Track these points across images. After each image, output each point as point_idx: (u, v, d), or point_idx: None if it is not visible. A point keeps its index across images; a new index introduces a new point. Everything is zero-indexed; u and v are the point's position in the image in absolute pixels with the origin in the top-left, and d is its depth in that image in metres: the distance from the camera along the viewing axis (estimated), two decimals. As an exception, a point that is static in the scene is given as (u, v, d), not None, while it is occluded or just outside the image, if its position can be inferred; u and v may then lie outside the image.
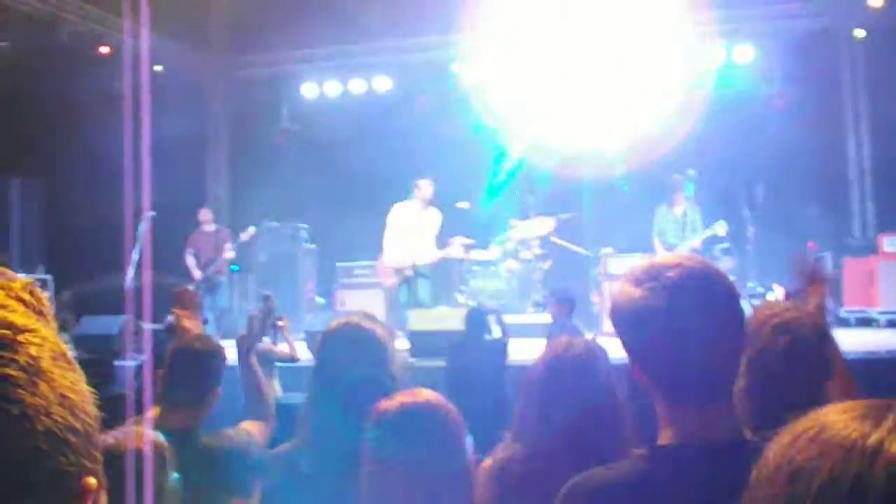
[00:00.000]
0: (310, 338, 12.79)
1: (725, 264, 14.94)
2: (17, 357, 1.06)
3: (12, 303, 1.13)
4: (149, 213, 15.12)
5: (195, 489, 3.41)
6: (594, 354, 3.50)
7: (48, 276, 16.66)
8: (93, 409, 1.14)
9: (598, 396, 3.30)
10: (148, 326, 14.15)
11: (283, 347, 10.29)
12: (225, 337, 11.75)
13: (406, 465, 2.58)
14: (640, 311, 2.14)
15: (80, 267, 18.44)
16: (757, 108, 17.40)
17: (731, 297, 2.17)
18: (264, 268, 17.74)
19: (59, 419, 1.06)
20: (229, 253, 16.19)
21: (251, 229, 16.39)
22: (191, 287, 15.67)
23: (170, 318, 11.81)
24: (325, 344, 3.69)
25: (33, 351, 1.08)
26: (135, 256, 14.97)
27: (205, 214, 16.93)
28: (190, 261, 16.41)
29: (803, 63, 17.56)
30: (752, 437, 2.10)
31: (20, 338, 1.08)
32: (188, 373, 4.32)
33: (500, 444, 3.54)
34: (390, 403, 2.68)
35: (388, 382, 3.39)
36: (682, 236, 14.45)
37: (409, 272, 14.73)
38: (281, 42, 20.24)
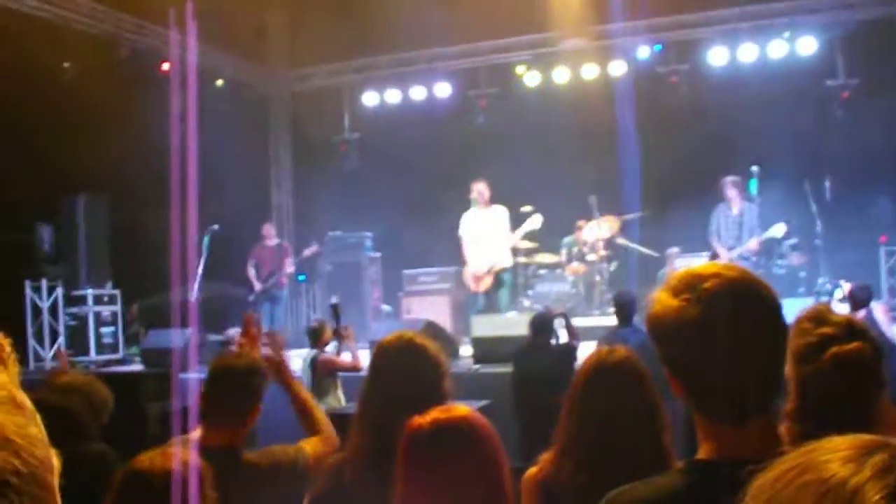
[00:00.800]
0: (374, 346, 12.75)
1: (796, 259, 14.71)
2: None
3: None
4: (212, 227, 15.25)
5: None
6: (634, 361, 3.42)
7: (116, 291, 16.85)
8: (41, 451, 1.12)
9: (639, 405, 3.20)
10: (213, 338, 14.30)
11: (346, 357, 10.23)
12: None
13: (436, 483, 2.52)
14: (676, 322, 2.05)
15: (146, 281, 18.67)
16: (823, 101, 17.15)
17: (772, 309, 2.06)
18: (330, 277, 17.78)
19: (2, 463, 1.05)
20: (290, 268, 16.40)
21: (314, 246, 16.50)
22: (251, 297, 15.86)
23: (230, 331, 11.92)
24: (378, 355, 3.69)
25: None
26: (199, 270, 15.10)
27: (268, 229, 17.18)
28: (251, 272, 16.60)
29: (868, 53, 17.30)
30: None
31: None
32: (227, 390, 4.25)
33: (546, 453, 3.46)
34: (423, 420, 2.63)
35: (437, 397, 3.33)
36: (739, 237, 14.12)
37: (489, 278, 14.66)
38: (340, 52, 20.31)
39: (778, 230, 13.41)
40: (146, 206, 19.57)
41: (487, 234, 14.79)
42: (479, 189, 14.82)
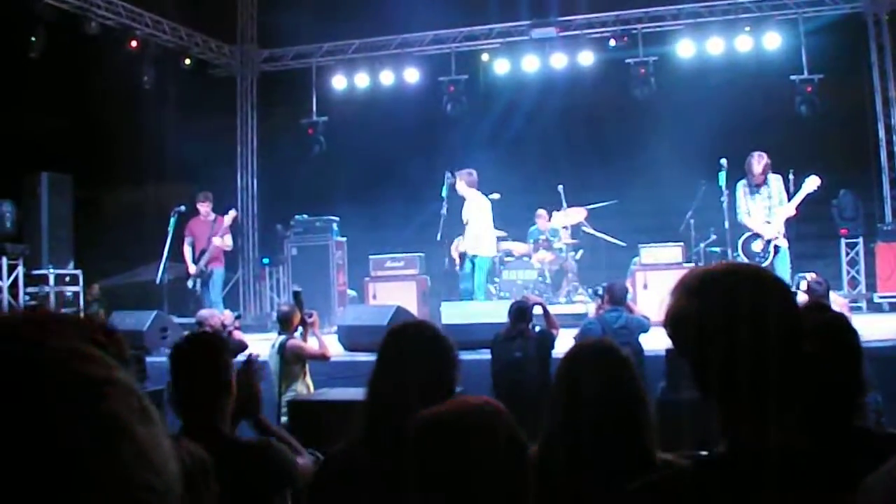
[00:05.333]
0: (342, 331, 12.72)
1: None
2: (96, 415, 0.96)
3: (89, 349, 1.03)
4: (178, 208, 15.09)
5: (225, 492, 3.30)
6: (612, 349, 3.41)
7: (78, 271, 16.68)
8: (174, 465, 1.04)
9: (617, 393, 3.19)
10: (178, 321, 14.17)
11: (312, 343, 10.17)
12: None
13: (454, 479, 2.41)
14: (692, 321, 2.07)
15: (110, 262, 18.53)
16: (788, 96, 17.28)
17: (786, 305, 2.09)
18: (295, 261, 17.66)
19: (140, 482, 0.98)
20: (218, 240, 15.27)
21: (233, 212, 15.69)
22: (189, 282, 15.26)
23: (201, 312, 11.82)
24: (391, 342, 3.58)
25: (113, 406, 0.98)
26: (165, 251, 14.92)
27: (203, 202, 15.67)
28: (187, 252, 15.39)
29: (830, 49, 17.48)
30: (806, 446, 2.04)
31: (99, 392, 0.98)
32: (197, 370, 4.16)
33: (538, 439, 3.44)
34: (435, 411, 2.54)
35: (450, 386, 3.32)
36: (769, 210, 13.55)
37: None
38: (310, 34, 20.22)
39: (812, 183, 13.13)
40: (110, 184, 19.50)
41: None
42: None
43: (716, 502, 2.02)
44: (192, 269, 15.19)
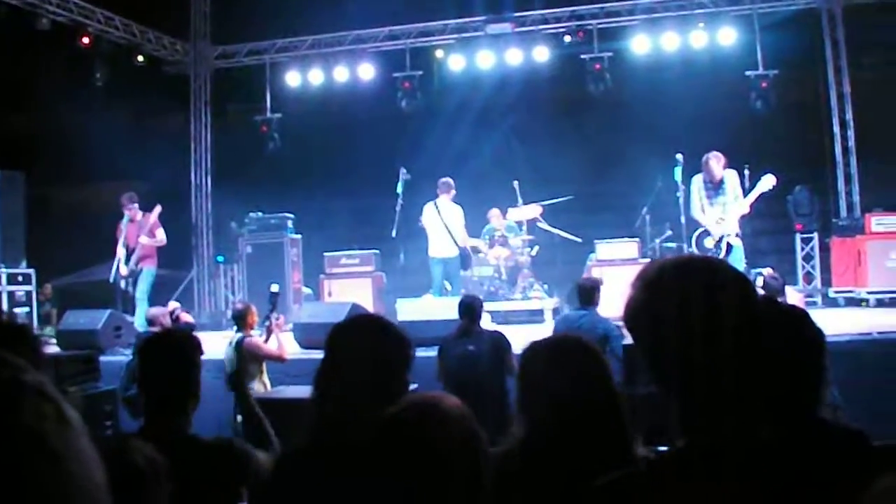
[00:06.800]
0: (298, 329, 12.67)
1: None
2: (4, 428, 0.88)
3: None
4: (126, 207, 14.92)
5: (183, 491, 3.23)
6: (572, 344, 3.36)
7: (31, 270, 16.49)
8: (97, 472, 0.96)
9: (576, 387, 3.13)
10: (131, 320, 14.04)
11: (272, 344, 10.12)
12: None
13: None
14: (647, 312, 2.08)
15: (62, 260, 18.34)
16: (743, 91, 17.37)
17: (741, 295, 2.08)
18: (250, 258, 17.56)
19: (60, 497, 0.90)
20: (145, 239, 14.75)
21: (158, 207, 15.27)
22: (121, 284, 15.00)
23: (152, 310, 11.74)
24: (338, 336, 3.28)
25: (24, 417, 0.90)
26: (119, 249, 14.77)
27: (127, 202, 15.07)
28: (120, 252, 14.90)
29: (785, 44, 17.59)
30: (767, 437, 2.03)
31: (8, 401, 0.90)
32: (163, 368, 4.10)
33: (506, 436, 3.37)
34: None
35: (406, 382, 3.19)
36: (724, 207, 13.49)
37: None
38: (263, 31, 20.12)
39: (767, 181, 13.15)
40: (63, 182, 19.32)
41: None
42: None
43: (676, 497, 2.01)
44: (124, 269, 14.79)
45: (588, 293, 10.02)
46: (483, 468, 2.42)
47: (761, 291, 10.72)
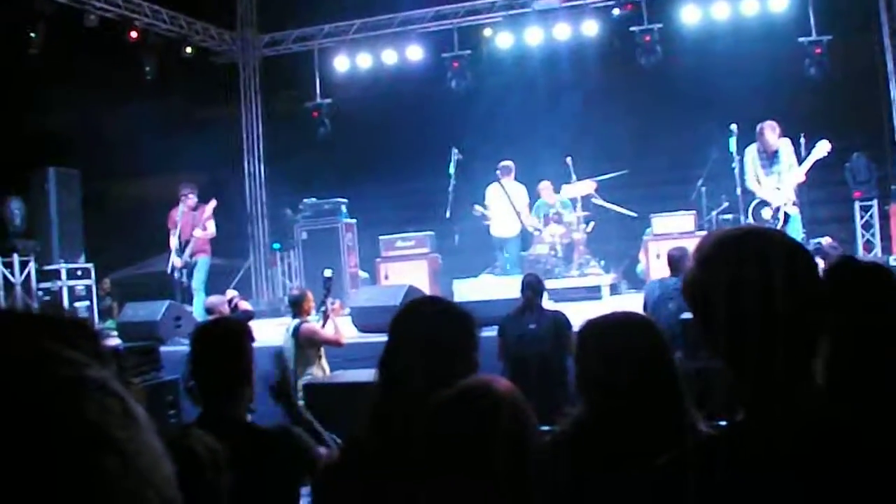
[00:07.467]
0: (355, 313, 12.69)
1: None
2: (72, 426, 0.86)
3: (57, 347, 0.90)
4: (184, 197, 15.03)
5: (242, 479, 3.19)
6: (628, 322, 3.27)
7: (90, 265, 16.66)
8: (165, 467, 0.94)
9: (631, 365, 3.05)
10: (190, 310, 14.15)
11: (329, 329, 10.16)
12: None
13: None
14: (704, 287, 2.05)
15: (120, 254, 18.52)
16: (796, 58, 17.09)
17: (801, 266, 2.02)
18: (305, 244, 17.61)
19: (128, 495, 0.87)
20: (199, 232, 14.93)
21: (213, 201, 15.29)
22: (176, 275, 15.08)
23: (210, 299, 11.81)
24: (402, 321, 3.22)
25: (90, 414, 0.87)
26: (173, 240, 14.88)
27: (186, 192, 15.25)
28: (173, 243, 15.05)
29: (838, 8, 17.27)
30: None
31: (73, 398, 0.87)
32: (215, 357, 4.09)
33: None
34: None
35: (474, 364, 3.13)
36: (779, 176, 13.31)
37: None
38: (310, 17, 20.13)
39: (823, 148, 12.95)
40: (117, 177, 19.50)
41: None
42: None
43: (729, 477, 1.95)
44: (178, 261, 14.92)
45: (677, 262, 10.16)
46: (531, 451, 2.38)
47: (820, 261, 10.61)
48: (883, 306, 2.80)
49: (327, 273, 11.03)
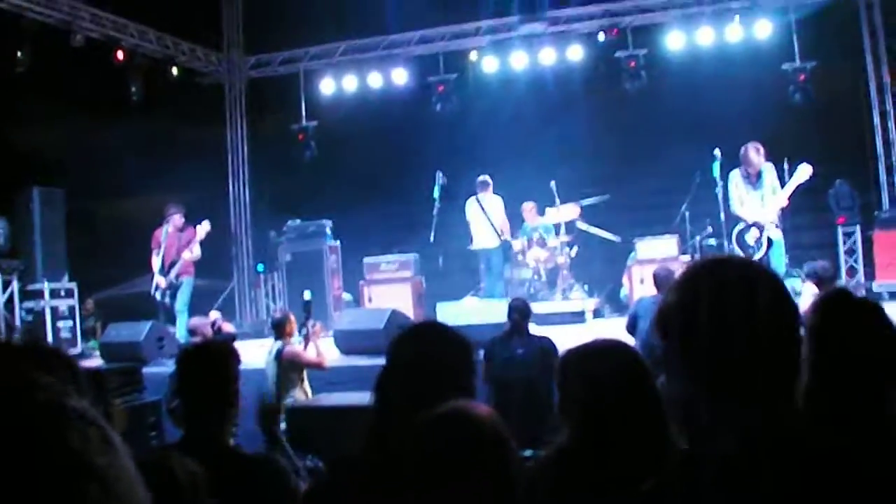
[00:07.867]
0: (338, 336, 12.68)
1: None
2: (55, 455, 0.89)
3: (37, 376, 0.94)
4: (171, 217, 15.02)
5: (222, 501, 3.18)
6: (608, 350, 3.27)
7: (73, 284, 16.60)
8: (140, 491, 0.97)
9: (612, 392, 3.05)
10: (173, 330, 14.12)
11: (311, 352, 10.14)
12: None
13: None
14: (682, 314, 2.07)
15: (104, 274, 18.44)
16: (780, 84, 17.19)
17: (776, 298, 2.04)
18: (289, 266, 17.60)
19: None
20: (188, 254, 14.87)
21: (206, 224, 15.25)
22: (157, 296, 15.03)
23: (193, 320, 11.80)
24: (400, 345, 3.22)
25: (72, 442, 0.90)
26: (155, 260, 14.87)
27: (173, 214, 15.27)
28: (155, 263, 15.06)
29: (822, 35, 17.37)
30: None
31: (55, 427, 0.90)
32: (201, 379, 4.08)
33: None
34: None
35: (472, 389, 3.15)
36: (762, 199, 13.35)
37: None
38: (296, 39, 20.16)
39: (804, 172, 12.99)
40: (102, 197, 19.43)
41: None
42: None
43: (719, 497, 1.96)
44: (163, 281, 14.88)
45: (663, 280, 10.34)
46: (513, 476, 2.38)
47: (813, 286, 10.63)
48: (872, 342, 2.83)
49: (306, 296, 11.05)
